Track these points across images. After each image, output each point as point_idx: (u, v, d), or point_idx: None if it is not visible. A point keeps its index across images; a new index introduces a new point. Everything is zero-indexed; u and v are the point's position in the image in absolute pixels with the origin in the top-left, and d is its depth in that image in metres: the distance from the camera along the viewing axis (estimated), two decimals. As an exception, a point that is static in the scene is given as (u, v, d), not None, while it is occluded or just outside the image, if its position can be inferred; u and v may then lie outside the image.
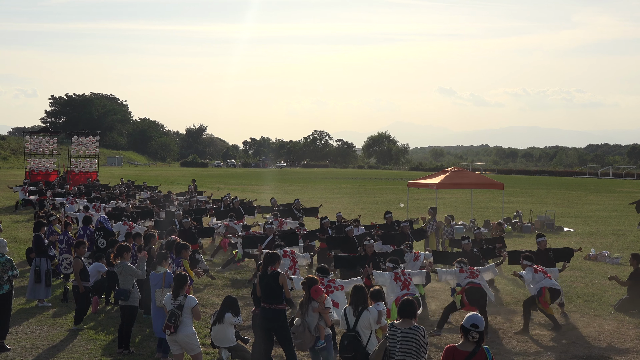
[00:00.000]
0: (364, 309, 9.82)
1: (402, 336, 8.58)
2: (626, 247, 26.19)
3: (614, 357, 12.65)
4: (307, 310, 10.61)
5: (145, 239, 15.01)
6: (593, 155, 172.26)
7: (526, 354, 12.82)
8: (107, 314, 15.46)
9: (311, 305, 10.59)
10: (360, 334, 9.72)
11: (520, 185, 73.31)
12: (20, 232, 27.70)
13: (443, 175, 33.57)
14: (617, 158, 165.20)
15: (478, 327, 7.62)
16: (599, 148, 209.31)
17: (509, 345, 13.36)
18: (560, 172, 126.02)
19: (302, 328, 10.54)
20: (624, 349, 13.19)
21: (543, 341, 13.68)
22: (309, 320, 10.58)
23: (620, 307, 16.26)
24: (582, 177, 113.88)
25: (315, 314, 10.61)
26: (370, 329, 9.77)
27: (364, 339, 9.72)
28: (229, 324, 12.32)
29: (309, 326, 10.53)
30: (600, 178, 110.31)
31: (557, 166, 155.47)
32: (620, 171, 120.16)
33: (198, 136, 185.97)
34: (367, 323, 9.75)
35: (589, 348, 13.19)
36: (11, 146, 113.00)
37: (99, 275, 15.76)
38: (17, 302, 15.47)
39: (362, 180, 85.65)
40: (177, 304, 10.52)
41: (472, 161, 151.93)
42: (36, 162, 46.42)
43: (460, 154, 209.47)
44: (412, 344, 8.52)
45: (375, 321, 9.79)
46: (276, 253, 11.34)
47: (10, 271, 12.78)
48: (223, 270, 20.30)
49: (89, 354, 12.45)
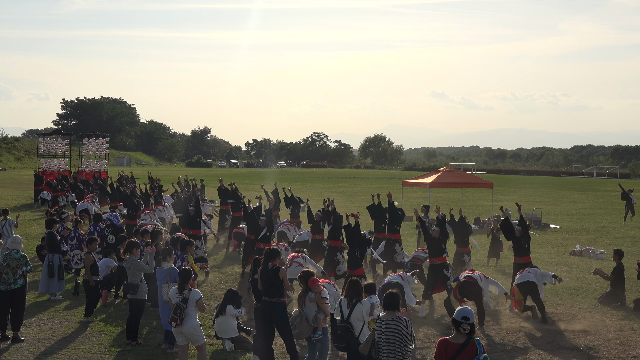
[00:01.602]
0: (358, 301, 9.84)
1: (385, 327, 8.64)
2: (610, 243, 26.19)
3: (599, 347, 12.67)
4: (305, 301, 10.64)
5: (153, 235, 15.00)
6: (578, 156, 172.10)
7: (514, 345, 12.83)
8: (116, 307, 15.46)
9: (308, 296, 10.61)
10: (353, 325, 9.75)
11: (509, 185, 73.27)
12: (34, 229, 27.68)
13: (435, 175, 33.67)
14: (601, 158, 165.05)
15: (469, 319, 7.63)
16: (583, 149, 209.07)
17: (498, 337, 13.37)
18: (547, 172, 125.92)
19: (300, 318, 10.55)
20: (607, 340, 13.20)
21: (530, 333, 13.70)
22: (307, 311, 10.60)
23: (604, 300, 16.29)
24: (567, 176, 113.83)
25: (312, 304, 10.62)
26: (362, 321, 9.80)
27: (357, 330, 9.76)
28: (230, 315, 12.36)
29: (306, 317, 10.55)
30: (585, 177, 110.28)
31: (544, 166, 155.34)
32: (604, 171, 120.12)
33: (202, 138, 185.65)
34: (359, 315, 9.78)
35: (575, 339, 13.20)
36: (25, 147, 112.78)
37: (108, 270, 15.79)
38: (30, 295, 15.46)
39: (359, 180, 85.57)
40: (183, 298, 10.52)
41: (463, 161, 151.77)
42: (49, 163, 46.38)
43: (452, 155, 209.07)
44: (395, 335, 8.58)
45: (367, 313, 9.82)
46: (276, 249, 11.35)
47: (24, 266, 12.81)
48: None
49: (98, 344, 12.45)
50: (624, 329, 14.01)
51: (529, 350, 12.52)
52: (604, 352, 12.41)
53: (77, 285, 16.68)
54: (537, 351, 12.44)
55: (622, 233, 30.09)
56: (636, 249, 24.84)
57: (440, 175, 33.18)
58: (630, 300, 16.22)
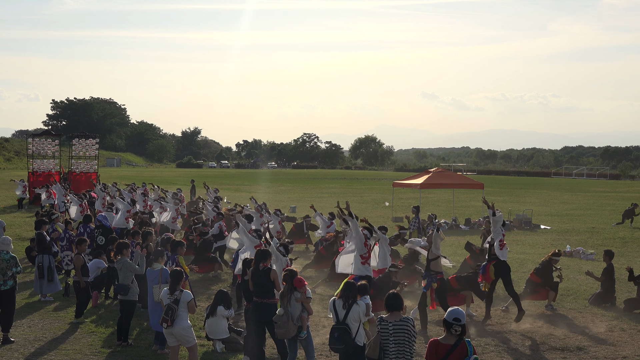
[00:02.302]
0: (354, 302, 9.84)
1: (394, 329, 8.65)
2: (600, 243, 26.28)
3: (589, 348, 12.70)
4: (290, 300, 10.62)
5: (144, 236, 14.97)
6: (568, 157, 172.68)
7: (505, 346, 12.85)
8: (107, 308, 15.43)
9: (294, 296, 10.60)
10: (350, 326, 9.74)
11: (499, 185, 73.48)
12: (23, 230, 27.58)
13: (426, 175, 33.72)
14: (591, 159, 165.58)
15: (460, 320, 7.64)
16: (573, 150, 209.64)
17: (488, 338, 13.39)
18: (537, 173, 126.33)
19: (285, 318, 10.53)
20: (598, 340, 13.25)
21: (521, 334, 13.72)
22: (292, 310, 10.58)
23: (594, 300, 16.34)
24: (557, 177, 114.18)
25: (297, 304, 10.61)
26: (359, 322, 9.80)
27: (353, 331, 9.75)
28: (221, 316, 12.36)
29: (291, 316, 10.54)
30: (575, 178, 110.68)
31: (534, 167, 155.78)
32: (594, 172, 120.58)
33: (193, 138, 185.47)
34: (356, 316, 9.77)
35: (565, 340, 13.24)
36: (15, 148, 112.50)
37: (98, 271, 15.74)
38: (21, 296, 15.42)
39: (349, 181, 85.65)
40: (174, 299, 10.50)
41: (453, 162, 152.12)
42: (38, 164, 46.14)
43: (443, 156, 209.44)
44: (404, 335, 8.62)
45: (364, 314, 9.83)
46: (267, 250, 11.37)
47: (14, 268, 12.74)
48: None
49: (89, 346, 12.42)
50: (614, 330, 14.06)
51: (519, 351, 12.53)
52: (594, 352, 12.44)
53: (67, 286, 16.63)
54: (528, 352, 12.46)
55: (612, 234, 30.19)
56: (626, 250, 24.94)
57: (430, 176, 33.24)
58: (620, 300, 16.27)
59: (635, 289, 16.30)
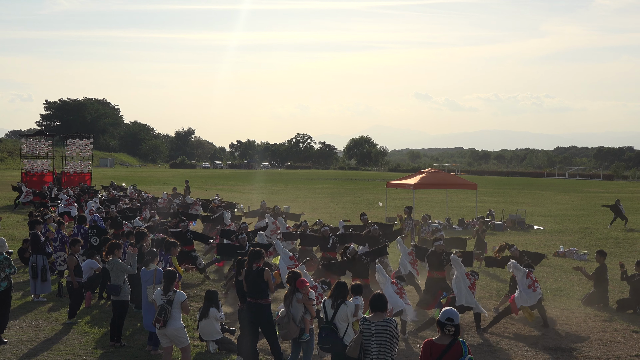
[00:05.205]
0: (342, 302, 9.84)
1: (376, 329, 8.61)
2: (593, 244, 26.34)
3: (582, 348, 12.74)
4: (292, 302, 10.63)
5: (137, 236, 14.93)
6: (561, 157, 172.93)
7: (498, 346, 12.87)
8: (100, 308, 15.39)
9: (295, 297, 10.61)
10: (337, 326, 9.76)
11: (492, 186, 73.57)
12: (17, 230, 27.50)
13: (420, 176, 33.70)
14: (584, 160, 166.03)
15: (453, 320, 7.64)
16: (567, 150, 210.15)
17: (482, 338, 13.41)
18: (530, 173, 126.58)
19: (287, 319, 10.54)
20: (591, 340, 13.28)
21: (514, 334, 13.75)
22: (294, 311, 10.59)
23: (587, 301, 16.37)
24: (551, 177, 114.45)
25: (299, 305, 10.62)
26: (347, 322, 9.80)
27: (341, 331, 9.76)
28: (214, 318, 12.34)
29: (293, 317, 10.54)
30: (568, 179, 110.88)
31: (528, 167, 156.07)
32: (587, 172, 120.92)
33: (187, 139, 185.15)
34: (344, 316, 9.78)
35: (558, 340, 13.27)
36: (8, 148, 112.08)
37: (92, 271, 15.71)
38: (13, 297, 15.30)
39: (343, 181, 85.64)
40: (167, 299, 10.49)
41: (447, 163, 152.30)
42: (32, 164, 46.04)
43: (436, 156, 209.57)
44: (386, 336, 8.57)
45: (352, 314, 9.83)
46: (260, 250, 11.36)
47: (7, 269, 12.70)
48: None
49: (82, 346, 12.39)
50: (607, 330, 14.10)
51: (513, 351, 12.56)
52: (587, 352, 12.47)
53: (60, 286, 16.59)
54: (521, 352, 12.49)
55: (605, 234, 30.26)
56: (619, 250, 25.00)
57: (424, 177, 33.23)
58: (613, 301, 16.31)
59: (628, 289, 16.36)
